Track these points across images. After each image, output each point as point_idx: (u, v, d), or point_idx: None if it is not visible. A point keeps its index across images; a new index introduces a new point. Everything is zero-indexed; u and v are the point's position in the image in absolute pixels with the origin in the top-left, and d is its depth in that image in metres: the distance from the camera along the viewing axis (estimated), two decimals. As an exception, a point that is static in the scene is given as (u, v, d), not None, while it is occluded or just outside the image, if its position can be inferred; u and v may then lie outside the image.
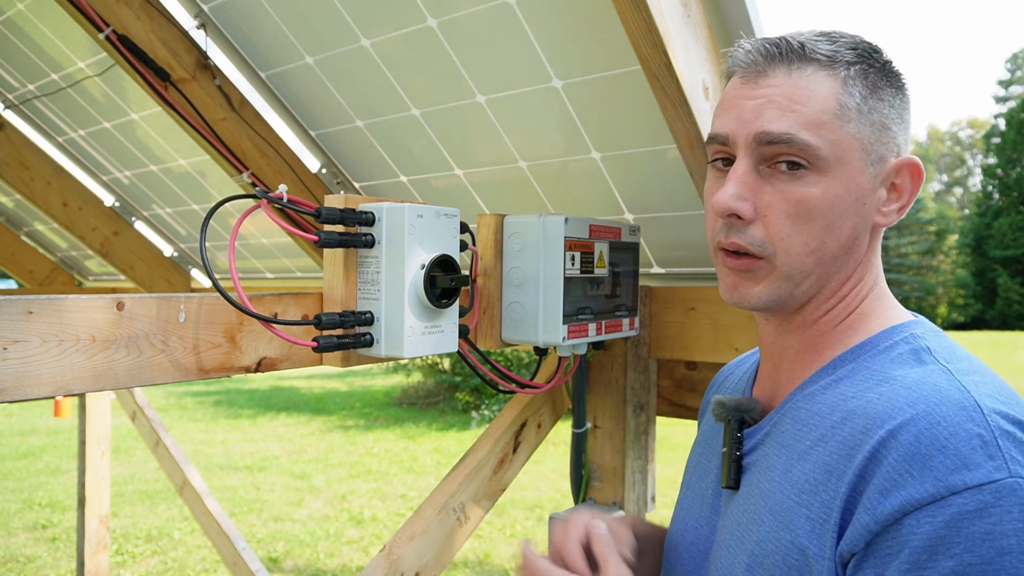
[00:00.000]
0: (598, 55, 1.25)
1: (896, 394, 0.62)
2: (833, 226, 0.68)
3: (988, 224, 32.35)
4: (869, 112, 0.69)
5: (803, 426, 0.68)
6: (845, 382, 0.68)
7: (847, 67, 0.68)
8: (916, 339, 0.68)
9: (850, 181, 0.68)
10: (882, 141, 0.69)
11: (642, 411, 1.61)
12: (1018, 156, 31.75)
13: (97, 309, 0.74)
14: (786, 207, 0.68)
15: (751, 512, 0.70)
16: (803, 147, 0.67)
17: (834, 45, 0.69)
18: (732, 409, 0.77)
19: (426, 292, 0.94)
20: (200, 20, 1.65)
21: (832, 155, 0.67)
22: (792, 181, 0.68)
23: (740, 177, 0.69)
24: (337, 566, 4.76)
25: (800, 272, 0.70)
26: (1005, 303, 29.78)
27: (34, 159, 2.49)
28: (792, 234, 0.68)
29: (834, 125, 0.67)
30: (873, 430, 0.60)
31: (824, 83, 0.68)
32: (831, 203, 0.68)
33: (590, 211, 1.57)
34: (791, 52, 0.69)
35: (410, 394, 10.34)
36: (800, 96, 0.67)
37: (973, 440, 0.56)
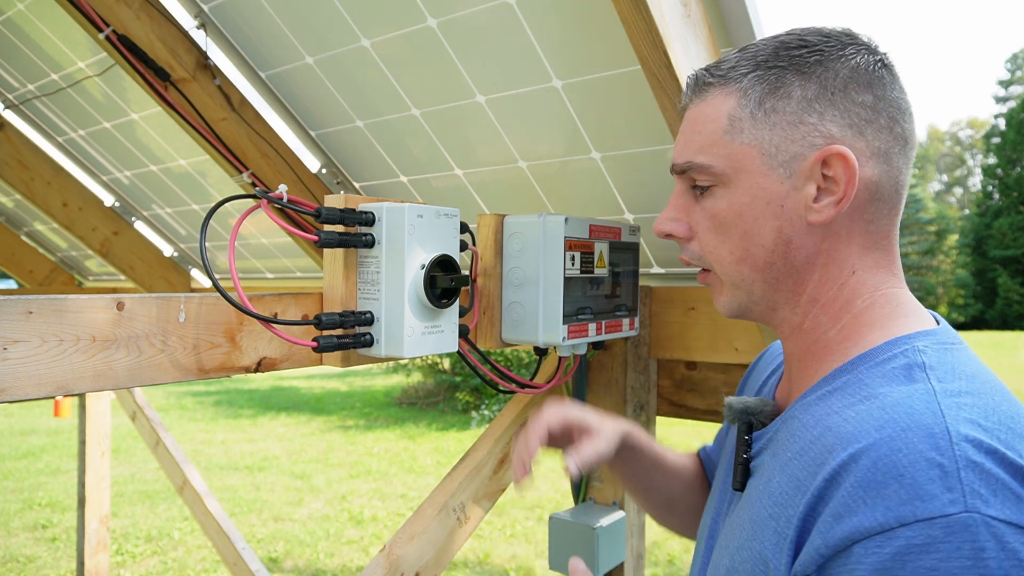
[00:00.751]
0: (598, 55, 1.25)
1: (869, 415, 0.60)
2: (750, 233, 0.70)
3: (988, 224, 32.34)
4: (767, 115, 0.68)
5: (792, 436, 0.68)
6: (836, 395, 0.66)
7: (740, 79, 0.70)
8: (915, 353, 0.65)
9: (754, 187, 0.69)
10: (792, 139, 0.68)
11: (642, 411, 1.61)
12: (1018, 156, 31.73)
13: (97, 309, 0.74)
14: (706, 222, 0.74)
15: (739, 517, 0.71)
16: (700, 169, 0.72)
17: (740, 57, 0.71)
18: (739, 412, 0.77)
19: (426, 292, 0.94)
20: (200, 20, 1.65)
21: (728, 168, 0.70)
22: (706, 199, 0.73)
23: (673, 201, 0.77)
24: (337, 566, 4.76)
25: (741, 280, 0.73)
26: (1005, 303, 29.78)
27: (34, 159, 2.49)
28: (717, 246, 0.73)
29: (724, 141, 0.70)
30: (837, 451, 0.59)
31: (717, 102, 0.71)
32: (738, 212, 0.70)
33: (590, 211, 1.57)
34: (698, 82, 0.74)
35: (410, 394, 10.34)
36: (697, 124, 0.73)
37: (932, 470, 0.53)
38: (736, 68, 0.71)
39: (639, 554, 1.62)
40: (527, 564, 4.75)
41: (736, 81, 0.70)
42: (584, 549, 1.47)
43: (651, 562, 4.78)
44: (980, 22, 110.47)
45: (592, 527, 1.46)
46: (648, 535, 5.34)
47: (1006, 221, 31.06)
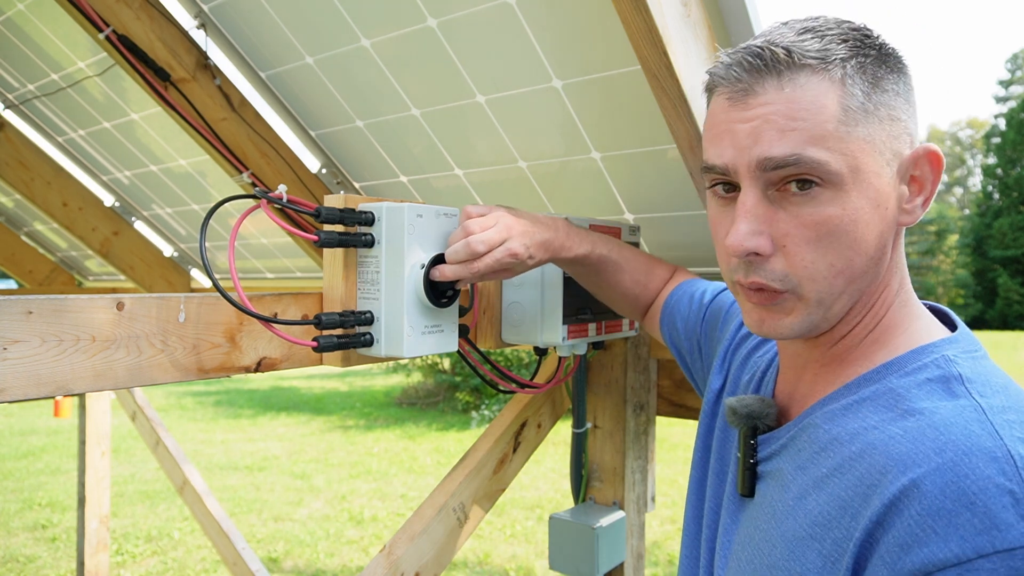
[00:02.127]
0: (598, 55, 1.25)
1: (923, 435, 0.57)
2: (859, 241, 0.63)
3: (988, 224, 32.33)
4: (875, 108, 0.62)
5: (821, 449, 0.64)
6: (868, 406, 0.63)
7: (842, 64, 0.62)
8: (948, 363, 0.62)
9: (870, 189, 0.62)
10: (894, 135, 0.63)
11: (642, 411, 1.61)
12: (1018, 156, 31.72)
13: (97, 309, 0.74)
14: (805, 232, 0.63)
15: (764, 531, 0.67)
16: (813, 166, 0.61)
17: (823, 41, 0.62)
18: (744, 417, 0.73)
19: (426, 292, 0.94)
20: (200, 20, 1.65)
21: (845, 167, 0.61)
22: (807, 202, 0.62)
23: (751, 210, 0.64)
24: (337, 566, 4.76)
25: (830, 295, 0.65)
26: (1005, 303, 29.77)
27: (34, 159, 2.49)
28: (816, 259, 0.63)
29: (841, 134, 0.61)
30: (894, 473, 0.56)
31: (821, 89, 0.61)
32: (854, 219, 0.62)
33: (590, 211, 1.57)
34: (778, 62, 0.62)
35: (410, 394, 10.34)
36: (798, 110, 0.61)
37: (1004, 497, 0.51)
38: (832, 52, 0.62)
39: (639, 554, 1.62)
40: (527, 564, 4.75)
41: (836, 67, 0.62)
42: (584, 549, 1.47)
43: (651, 562, 4.78)
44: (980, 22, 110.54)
45: (592, 527, 1.46)
46: (648, 535, 5.35)
47: (1006, 221, 31.05)
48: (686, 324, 1.07)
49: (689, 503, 0.88)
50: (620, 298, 1.17)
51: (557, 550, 1.50)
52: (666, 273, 1.18)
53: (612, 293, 1.16)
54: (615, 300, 1.18)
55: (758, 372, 0.85)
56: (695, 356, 1.06)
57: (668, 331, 1.12)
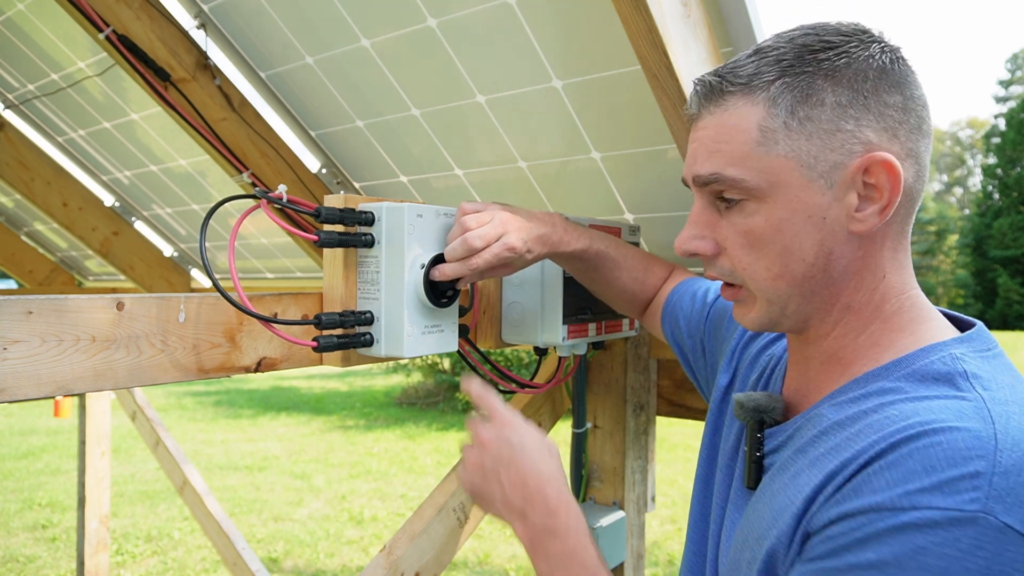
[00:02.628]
0: (598, 55, 1.25)
1: (915, 412, 0.59)
2: (790, 249, 0.67)
3: (988, 224, 32.31)
4: (800, 124, 0.65)
5: (822, 435, 0.66)
6: (872, 397, 0.65)
7: (767, 86, 0.66)
8: (954, 361, 0.63)
9: (793, 201, 0.66)
10: (830, 147, 0.65)
11: (642, 411, 1.61)
12: (1018, 156, 31.71)
13: (97, 309, 0.74)
14: (738, 238, 0.70)
15: (759, 511, 0.69)
16: (731, 183, 0.68)
17: (759, 64, 0.67)
18: (751, 411, 0.75)
19: (426, 292, 0.94)
20: (200, 20, 1.65)
21: (763, 182, 0.67)
22: (737, 213, 0.70)
23: (695, 217, 0.73)
24: (337, 566, 4.76)
25: (777, 296, 0.70)
26: (1005, 303, 29.76)
27: (34, 159, 2.49)
28: (752, 262, 0.70)
29: (758, 153, 0.66)
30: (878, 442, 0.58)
31: (743, 112, 0.67)
32: (777, 228, 0.67)
33: (590, 211, 1.57)
34: (712, 90, 0.69)
35: (410, 394, 10.34)
36: (721, 133, 0.68)
37: (966, 471, 0.52)
38: (759, 75, 0.67)
39: (639, 554, 1.62)
40: (527, 564, 4.75)
41: (762, 89, 0.66)
42: (584, 549, 1.46)
43: (651, 562, 4.78)
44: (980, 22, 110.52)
45: (592, 527, 1.46)
46: (648, 535, 5.35)
47: (1006, 221, 31.04)
48: (689, 322, 1.08)
49: (695, 500, 0.89)
50: (618, 295, 1.17)
51: (557, 550, 1.50)
52: (664, 271, 1.19)
53: (610, 290, 1.16)
54: (614, 297, 1.18)
55: (767, 370, 0.86)
56: (698, 354, 1.07)
57: (670, 329, 1.12)
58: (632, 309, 1.21)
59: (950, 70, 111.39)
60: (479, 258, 0.93)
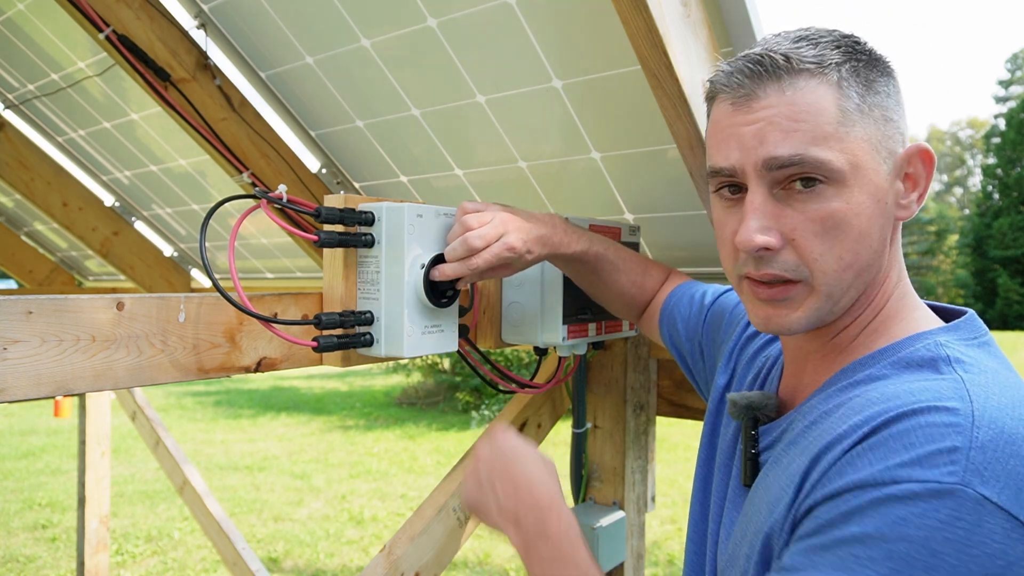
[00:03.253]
0: (598, 55, 1.25)
1: (894, 393, 0.60)
2: (863, 234, 0.67)
3: (988, 224, 32.30)
4: (870, 109, 0.67)
5: (812, 425, 0.67)
6: (860, 386, 0.66)
7: (837, 68, 0.66)
8: (939, 347, 0.65)
9: (870, 185, 0.66)
10: (887, 134, 0.68)
11: (642, 411, 1.61)
12: (1018, 156, 31.70)
13: (97, 309, 0.74)
14: (813, 226, 0.66)
15: (755, 506, 0.70)
16: (816, 164, 0.64)
17: (818, 48, 0.67)
18: (744, 408, 0.76)
19: (426, 292, 0.94)
20: (200, 20, 1.65)
21: (846, 164, 0.65)
22: (812, 199, 0.66)
23: (759, 208, 0.67)
24: (337, 566, 4.76)
25: (839, 289, 0.68)
26: (1005, 303, 29.75)
27: (34, 159, 2.49)
28: (824, 251, 0.66)
29: (840, 133, 0.65)
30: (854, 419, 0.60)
31: (819, 92, 0.65)
32: (857, 212, 0.66)
33: (590, 211, 1.57)
34: (777, 67, 0.66)
35: (410, 394, 10.34)
36: (799, 112, 0.65)
37: (943, 446, 0.54)
38: (827, 57, 0.66)
39: (639, 554, 1.62)
40: (527, 564, 4.74)
41: (832, 71, 0.66)
42: (584, 549, 1.46)
43: (651, 562, 4.78)
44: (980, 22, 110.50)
45: (592, 527, 1.46)
46: (648, 535, 5.35)
47: (1006, 221, 31.03)
48: (687, 325, 1.08)
49: (695, 500, 0.89)
50: (616, 298, 1.17)
51: (557, 550, 1.50)
52: (661, 275, 1.19)
53: (609, 292, 1.16)
54: (611, 300, 1.18)
55: (763, 369, 0.87)
56: (696, 357, 1.07)
57: (668, 332, 1.12)
58: (630, 312, 1.21)
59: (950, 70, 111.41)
60: (479, 258, 0.93)
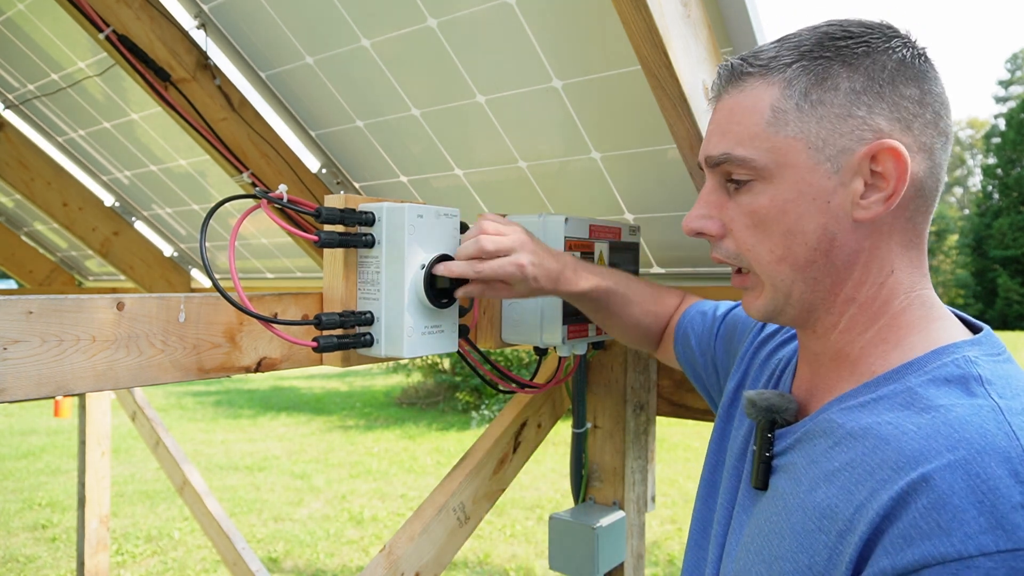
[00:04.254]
0: (598, 55, 1.25)
1: (936, 431, 0.57)
2: (793, 231, 0.68)
3: (988, 224, 32.29)
4: (813, 107, 0.66)
5: (835, 444, 0.65)
6: (884, 403, 0.64)
7: (784, 68, 0.67)
8: (968, 364, 0.63)
9: (800, 183, 0.67)
10: (840, 132, 0.66)
11: (642, 411, 1.61)
12: (1018, 156, 31.69)
13: (97, 309, 0.74)
14: (743, 219, 0.71)
15: (774, 523, 0.68)
16: (739, 162, 0.69)
17: (780, 48, 0.68)
18: (763, 410, 0.75)
19: (426, 292, 0.94)
20: (200, 20, 1.65)
21: (771, 162, 0.67)
22: (744, 194, 0.70)
23: (704, 197, 0.74)
24: (337, 566, 4.76)
25: (781, 281, 0.70)
26: (1005, 303, 29.74)
27: (34, 159, 2.49)
28: (755, 244, 0.70)
29: (768, 133, 0.67)
30: (905, 469, 0.57)
31: (758, 93, 0.68)
32: (781, 208, 0.68)
33: (590, 211, 1.57)
34: (732, 72, 0.71)
35: (410, 394, 10.34)
36: (735, 114, 0.69)
37: (1014, 499, 0.52)
38: (778, 58, 0.68)
39: (639, 554, 1.62)
40: (527, 564, 4.75)
41: (779, 71, 0.67)
42: (584, 549, 1.47)
43: (651, 562, 4.78)
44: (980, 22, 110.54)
45: (592, 527, 1.46)
46: (648, 535, 5.35)
47: (1006, 221, 31.02)
48: (700, 340, 1.07)
49: (699, 500, 0.88)
50: (631, 330, 1.15)
51: (557, 550, 1.50)
52: (675, 299, 1.17)
53: (622, 325, 1.14)
54: (626, 332, 1.16)
55: (777, 370, 0.86)
56: (710, 371, 1.05)
57: (682, 350, 1.10)
58: (646, 342, 1.18)
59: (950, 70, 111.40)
60: (487, 264, 0.94)
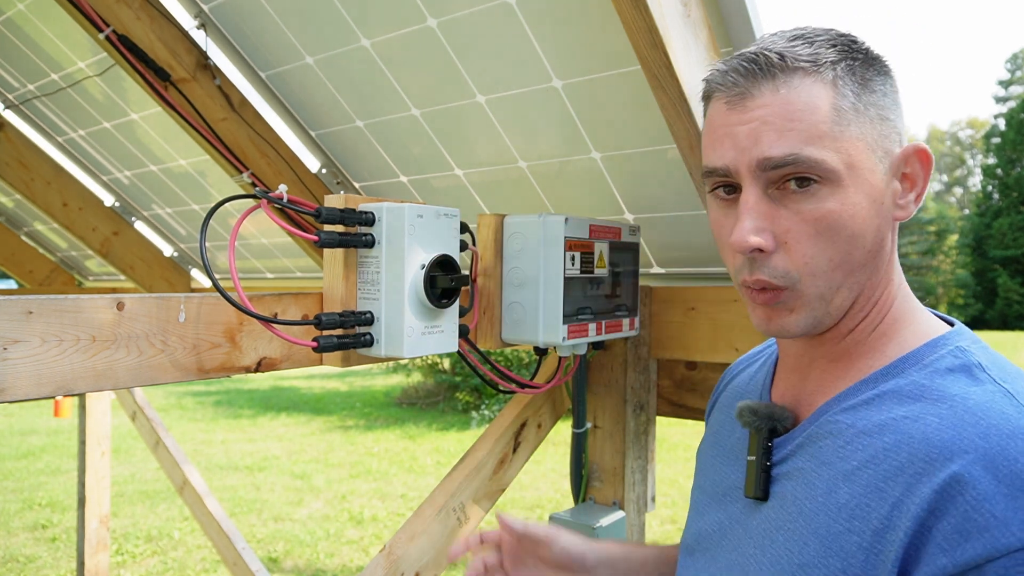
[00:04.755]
0: (598, 55, 1.25)
1: (961, 420, 0.58)
2: (857, 235, 0.65)
3: (988, 224, 32.30)
4: (866, 108, 0.65)
5: (847, 443, 0.64)
6: (891, 398, 0.64)
7: (832, 67, 0.65)
8: (964, 353, 0.64)
9: (865, 184, 0.65)
10: (884, 134, 0.66)
11: (642, 411, 1.61)
12: (1018, 156, 31.70)
13: (97, 309, 0.74)
14: (806, 228, 0.64)
15: (791, 530, 0.65)
16: (811, 164, 0.63)
17: (813, 47, 0.65)
18: (765, 417, 0.72)
19: (426, 292, 0.94)
20: (200, 20, 1.65)
21: (841, 164, 0.64)
22: (806, 199, 0.64)
23: (753, 207, 0.65)
24: (337, 566, 4.76)
25: (830, 289, 0.66)
26: (1005, 303, 29.75)
27: (34, 159, 2.49)
28: (816, 254, 0.65)
29: (835, 133, 0.64)
30: (940, 461, 0.56)
31: (814, 90, 0.64)
32: (852, 213, 0.64)
33: (590, 211, 1.56)
34: (772, 66, 0.65)
35: (410, 394, 10.34)
36: (793, 111, 0.64)
37: None
38: (822, 55, 0.65)
39: (639, 554, 1.62)
40: (527, 564, 4.74)
41: (828, 69, 0.65)
42: (584, 549, 1.46)
43: (651, 562, 4.77)
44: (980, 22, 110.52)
45: (592, 527, 1.46)
46: (648, 535, 5.34)
47: (1006, 221, 31.02)
48: None
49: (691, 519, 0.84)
50: None
51: (557, 550, 1.50)
52: None
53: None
54: None
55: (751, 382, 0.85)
56: None
57: None
58: None
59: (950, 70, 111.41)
60: None
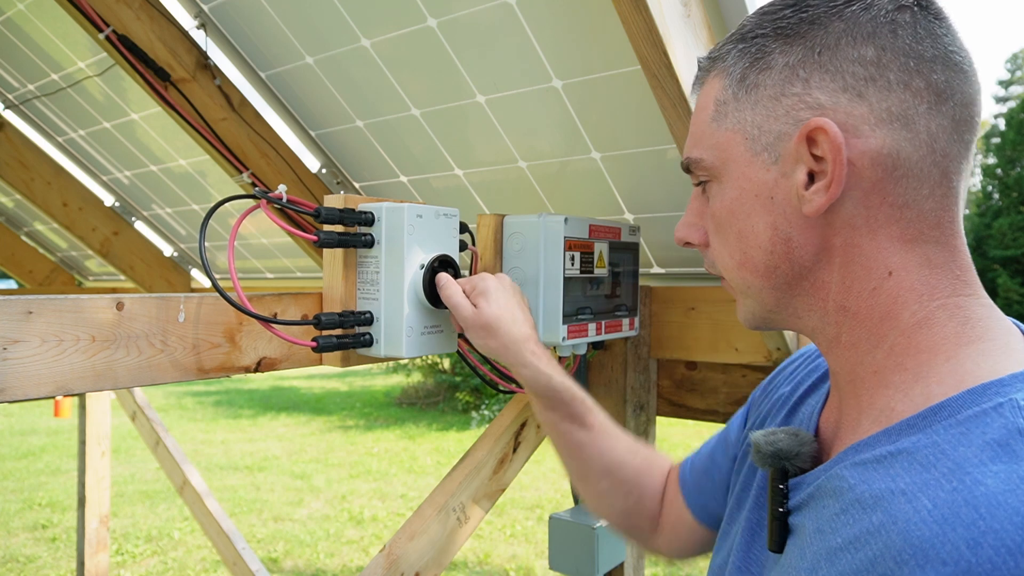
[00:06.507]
0: (598, 55, 1.25)
1: (955, 516, 0.43)
2: (744, 233, 0.61)
3: (988, 224, 32.27)
4: (748, 92, 0.59)
5: (842, 511, 0.52)
6: (903, 460, 0.49)
7: (724, 58, 0.62)
8: (1016, 413, 0.46)
9: (740, 179, 0.60)
10: (775, 115, 0.57)
11: (642, 411, 1.61)
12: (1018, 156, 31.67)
13: (97, 309, 0.74)
14: (709, 225, 0.66)
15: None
16: (695, 164, 0.64)
17: (728, 37, 0.63)
18: (771, 457, 0.62)
19: (425, 292, 0.94)
20: (200, 20, 1.65)
21: (716, 160, 0.62)
22: (709, 198, 0.65)
23: (690, 204, 0.70)
24: (337, 566, 4.76)
25: (747, 287, 0.63)
26: (1005, 303, 29.66)
27: (34, 159, 2.49)
28: (721, 251, 0.65)
29: (711, 129, 0.62)
30: (910, 568, 0.43)
31: (708, 89, 0.64)
32: (729, 210, 0.61)
33: (590, 211, 1.57)
34: (700, 69, 0.66)
35: (410, 394, 10.35)
36: (696, 113, 0.65)
37: None
38: (723, 47, 0.62)
39: (639, 554, 1.62)
40: (527, 564, 4.75)
41: (722, 60, 0.62)
42: (584, 549, 1.47)
43: (651, 562, 4.78)
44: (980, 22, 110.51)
45: (592, 527, 1.46)
46: (648, 535, 5.34)
47: (1006, 221, 30.97)
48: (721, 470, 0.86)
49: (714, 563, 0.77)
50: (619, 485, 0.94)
51: (557, 550, 1.50)
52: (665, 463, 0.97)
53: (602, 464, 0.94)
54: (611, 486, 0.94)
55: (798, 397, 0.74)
56: None
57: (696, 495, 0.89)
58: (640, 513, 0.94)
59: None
60: None
